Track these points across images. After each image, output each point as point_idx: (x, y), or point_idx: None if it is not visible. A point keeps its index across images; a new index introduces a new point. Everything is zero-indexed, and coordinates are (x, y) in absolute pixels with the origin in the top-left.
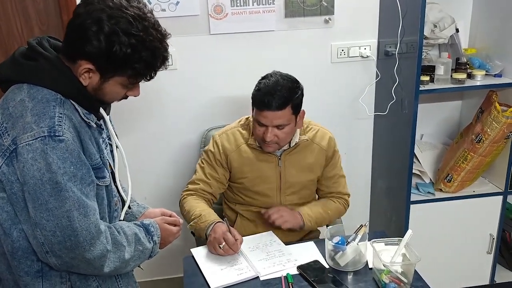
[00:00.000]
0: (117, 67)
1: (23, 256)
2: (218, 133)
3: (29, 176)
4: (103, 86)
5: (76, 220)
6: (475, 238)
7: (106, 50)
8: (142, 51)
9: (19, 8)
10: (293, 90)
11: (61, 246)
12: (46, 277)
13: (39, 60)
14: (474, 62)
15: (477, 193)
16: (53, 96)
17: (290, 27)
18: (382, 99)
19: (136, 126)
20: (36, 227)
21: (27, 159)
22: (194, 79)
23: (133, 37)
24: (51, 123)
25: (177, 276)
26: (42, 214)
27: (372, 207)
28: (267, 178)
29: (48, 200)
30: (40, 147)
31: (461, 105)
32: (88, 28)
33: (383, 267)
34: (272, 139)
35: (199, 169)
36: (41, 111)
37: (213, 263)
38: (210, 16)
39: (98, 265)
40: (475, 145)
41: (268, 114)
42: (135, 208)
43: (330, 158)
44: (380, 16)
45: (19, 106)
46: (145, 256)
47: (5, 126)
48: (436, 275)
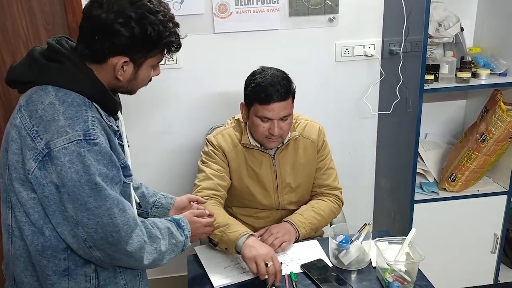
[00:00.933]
0: (151, 48)
1: (52, 255)
2: (212, 135)
3: (67, 178)
4: (138, 74)
5: (117, 216)
6: (479, 237)
7: (141, 35)
8: (167, 23)
9: (25, 8)
10: (289, 79)
11: (103, 241)
12: (72, 275)
13: (64, 62)
14: (479, 61)
15: (481, 193)
16: (82, 100)
17: (295, 26)
18: (386, 98)
19: (140, 124)
20: (77, 225)
21: (64, 162)
22: (198, 77)
23: (159, 14)
24: (85, 127)
25: (181, 274)
26: (82, 213)
27: (376, 206)
28: (263, 180)
29: (87, 201)
30: (76, 150)
31: (466, 104)
32: (114, 22)
33: (386, 266)
34: (279, 132)
35: (204, 168)
36: (74, 115)
37: (217, 262)
38: (214, 15)
39: (138, 257)
40: (480, 145)
41: (275, 106)
42: (164, 200)
43: (319, 150)
44: (385, 15)
45: (49, 110)
46: (178, 250)
47: (35, 129)
48: (439, 274)
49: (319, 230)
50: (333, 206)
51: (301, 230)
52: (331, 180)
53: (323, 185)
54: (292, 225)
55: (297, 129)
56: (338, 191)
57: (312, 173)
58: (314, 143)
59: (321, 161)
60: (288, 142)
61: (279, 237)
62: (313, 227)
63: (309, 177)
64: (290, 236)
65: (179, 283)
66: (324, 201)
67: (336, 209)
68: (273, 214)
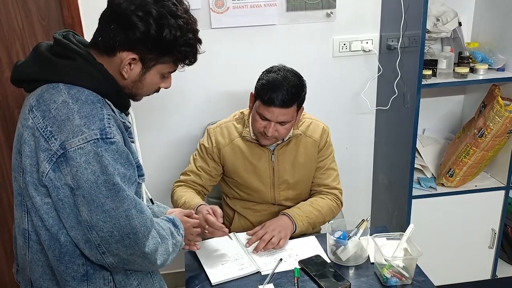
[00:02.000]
0: (164, 52)
1: (70, 260)
2: (212, 126)
3: (83, 180)
4: (144, 77)
5: (135, 218)
6: (477, 232)
7: (156, 34)
8: (187, 33)
9: (20, 3)
10: (301, 87)
11: (119, 244)
12: (91, 280)
13: (76, 58)
14: (476, 56)
15: (479, 188)
16: (95, 97)
17: (292, 21)
18: (384, 93)
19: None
20: (91, 230)
21: (80, 163)
22: (195, 73)
23: (180, 19)
24: (101, 126)
25: (179, 271)
26: (98, 216)
27: (374, 202)
28: (260, 173)
29: (104, 202)
30: (93, 150)
31: (464, 99)
32: (133, 14)
33: (384, 261)
34: (273, 134)
35: (191, 161)
36: (89, 113)
37: (214, 258)
38: (211, 10)
39: (153, 259)
40: (478, 140)
41: (274, 110)
42: (156, 208)
43: (321, 149)
44: (383, 9)
45: (63, 109)
46: (178, 249)
47: (49, 130)
48: (437, 269)
49: (317, 226)
50: (332, 204)
51: (298, 223)
52: (331, 180)
53: (321, 184)
54: (289, 217)
55: (300, 127)
56: (337, 191)
57: (311, 172)
58: (316, 142)
59: (321, 161)
60: (289, 140)
61: (275, 234)
62: (310, 222)
63: (308, 175)
64: (286, 231)
65: (176, 279)
66: (323, 199)
67: (335, 208)
68: (270, 208)
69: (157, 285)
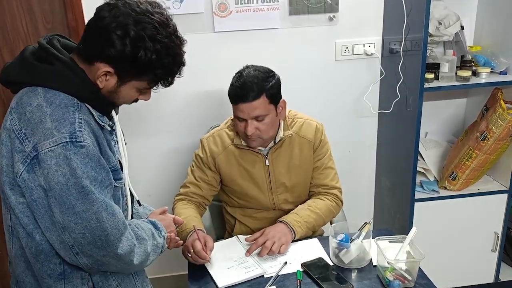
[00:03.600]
0: (138, 72)
1: (46, 259)
2: (205, 136)
3: (54, 182)
4: (119, 89)
5: (106, 220)
6: (480, 236)
7: (130, 55)
8: (165, 58)
9: (25, 6)
10: (265, 79)
11: (92, 246)
12: (68, 279)
13: (54, 63)
14: (479, 59)
15: (482, 191)
16: (70, 101)
17: (294, 25)
18: (386, 96)
19: (139, 124)
20: (64, 231)
21: (51, 165)
22: (198, 76)
23: (158, 43)
24: (72, 129)
25: (181, 273)
26: (70, 217)
27: (376, 205)
28: (257, 179)
29: (75, 204)
30: (63, 153)
31: (466, 102)
32: (112, 31)
33: (387, 264)
34: (253, 132)
35: (190, 173)
36: (61, 117)
37: (219, 262)
38: (214, 14)
39: (128, 260)
40: (480, 143)
41: (243, 106)
42: (141, 209)
43: (316, 148)
44: (385, 13)
45: (37, 112)
46: (159, 251)
47: (24, 132)
48: (440, 272)
49: (317, 229)
50: (331, 205)
51: (297, 229)
52: (329, 179)
53: (320, 184)
54: (286, 225)
55: (293, 128)
56: (336, 190)
57: (308, 173)
58: (310, 143)
59: (318, 160)
60: (281, 142)
61: (276, 241)
62: (309, 226)
63: (305, 177)
64: (286, 237)
65: (179, 282)
66: (321, 200)
67: (334, 208)
68: (270, 214)
69: (139, 286)
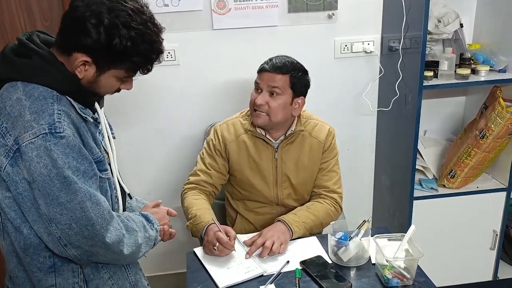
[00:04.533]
0: (115, 60)
1: (35, 252)
2: (219, 123)
3: (36, 173)
4: (99, 79)
5: (90, 210)
6: (478, 234)
7: (105, 43)
8: (141, 45)
9: (23, 4)
10: (297, 68)
11: (79, 236)
12: (59, 272)
13: (32, 57)
14: (478, 57)
15: (481, 189)
16: (49, 93)
17: (293, 23)
18: (385, 94)
19: (139, 121)
20: (50, 223)
21: (32, 157)
22: (197, 74)
23: (133, 30)
24: (51, 120)
25: (180, 271)
26: (55, 209)
27: (375, 203)
28: (263, 171)
29: (59, 195)
30: (43, 145)
31: (465, 100)
32: (86, 20)
33: (386, 262)
34: (262, 103)
35: (199, 160)
36: (39, 109)
37: (219, 263)
38: (213, 11)
39: (117, 250)
40: (479, 141)
41: (265, 75)
42: (134, 203)
43: (325, 151)
44: (384, 11)
45: (17, 105)
46: (151, 243)
47: (5, 126)
48: (439, 270)
49: (315, 231)
50: (329, 209)
51: (294, 228)
52: (331, 182)
53: (322, 186)
54: (284, 224)
55: (306, 127)
56: (336, 194)
57: (314, 173)
58: (320, 144)
59: (324, 162)
60: (292, 137)
61: (275, 240)
62: (307, 227)
63: (311, 176)
64: (285, 236)
65: (178, 280)
66: (320, 203)
67: (333, 212)
68: (273, 210)
69: (132, 278)
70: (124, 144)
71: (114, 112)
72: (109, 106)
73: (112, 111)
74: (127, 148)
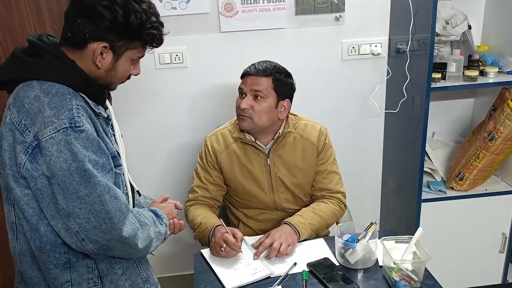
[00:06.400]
0: (133, 37)
1: (51, 249)
2: (208, 135)
3: (56, 168)
4: (116, 64)
5: (109, 203)
6: (487, 237)
7: (124, 20)
8: (151, 16)
9: (33, 7)
10: (280, 69)
11: (97, 230)
12: (74, 268)
13: (45, 56)
14: (486, 59)
15: (489, 192)
16: (66, 90)
17: (301, 25)
18: (393, 96)
19: (146, 123)
20: (69, 217)
21: (52, 152)
22: (205, 77)
23: (143, 3)
24: (70, 115)
25: (187, 273)
26: (74, 203)
27: (383, 205)
28: (258, 178)
29: (78, 189)
30: (64, 139)
31: (474, 102)
32: (97, 4)
33: (393, 265)
34: (246, 107)
35: (195, 176)
36: (58, 104)
37: (227, 264)
38: (220, 14)
39: (132, 244)
40: (488, 143)
41: (248, 79)
42: (142, 200)
43: (320, 152)
44: (391, 13)
45: (35, 102)
46: (161, 237)
47: (24, 123)
48: (447, 273)
49: (321, 232)
50: (335, 208)
51: (301, 230)
52: (333, 184)
53: (324, 188)
54: (291, 226)
55: (296, 129)
56: (340, 194)
57: (310, 175)
58: (314, 145)
59: (322, 164)
60: (282, 140)
61: (283, 242)
62: (313, 228)
63: (306, 179)
64: (292, 238)
65: (185, 281)
66: (325, 203)
67: (338, 212)
68: (273, 216)
69: (143, 274)
70: (131, 145)
71: (121, 114)
72: (116, 108)
73: (119, 113)
74: (134, 149)
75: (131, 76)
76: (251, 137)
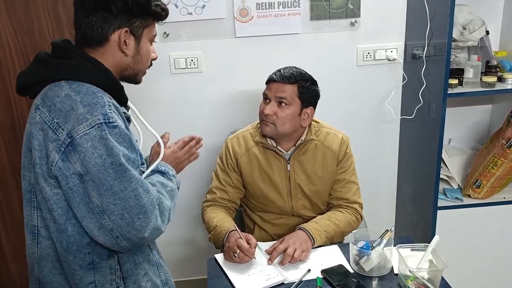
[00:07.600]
0: (144, 13)
1: (77, 250)
2: (230, 137)
3: (91, 164)
4: (140, 47)
5: (143, 197)
6: (505, 245)
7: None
8: None
9: (52, 13)
10: (305, 76)
11: (130, 228)
12: (97, 269)
13: (73, 57)
14: (505, 65)
15: (508, 200)
16: (96, 88)
17: (316, 30)
18: (408, 102)
19: (161, 127)
20: (103, 214)
21: (87, 148)
22: (219, 82)
23: None
24: (103, 111)
25: (201, 277)
26: (108, 199)
27: (398, 212)
28: (276, 182)
29: (113, 184)
30: (98, 134)
31: (491, 109)
32: None
33: (409, 273)
34: (269, 113)
35: (214, 177)
36: (91, 101)
37: (240, 269)
38: (235, 19)
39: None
40: (506, 151)
41: (273, 85)
42: None
43: (340, 161)
44: (407, 18)
45: (67, 101)
46: (175, 193)
47: (56, 121)
48: (464, 282)
49: (335, 241)
50: (350, 218)
51: (316, 237)
52: (351, 194)
53: (341, 198)
54: (306, 232)
55: (318, 137)
56: (357, 205)
57: (328, 183)
58: (334, 154)
59: (341, 173)
60: (303, 147)
61: (297, 247)
62: (328, 236)
63: (325, 187)
64: (307, 244)
65: (199, 286)
66: (341, 212)
67: (354, 222)
68: (289, 221)
69: (162, 276)
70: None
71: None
72: None
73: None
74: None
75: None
76: (273, 142)
